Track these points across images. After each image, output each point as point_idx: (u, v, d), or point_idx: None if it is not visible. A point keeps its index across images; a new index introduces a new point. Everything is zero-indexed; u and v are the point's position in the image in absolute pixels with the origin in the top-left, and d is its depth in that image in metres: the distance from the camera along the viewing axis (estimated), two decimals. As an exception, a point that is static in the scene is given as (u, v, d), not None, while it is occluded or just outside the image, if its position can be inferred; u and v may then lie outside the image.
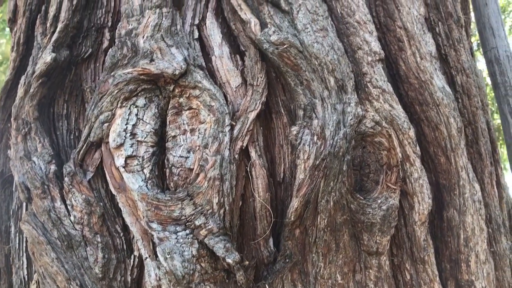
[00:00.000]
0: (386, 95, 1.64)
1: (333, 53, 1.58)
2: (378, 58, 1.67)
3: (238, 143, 1.49)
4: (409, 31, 1.76)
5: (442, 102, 1.70)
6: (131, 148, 1.49)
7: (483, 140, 1.94)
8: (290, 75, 1.54)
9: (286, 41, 1.52)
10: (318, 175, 1.44)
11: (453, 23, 1.99)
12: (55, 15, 1.66)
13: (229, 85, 1.59)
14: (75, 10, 1.66)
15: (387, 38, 1.79)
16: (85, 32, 1.69)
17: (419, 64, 1.73)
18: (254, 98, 1.53)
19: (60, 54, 1.59)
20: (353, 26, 1.68)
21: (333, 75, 1.56)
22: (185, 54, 1.53)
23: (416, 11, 1.79)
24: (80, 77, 1.69)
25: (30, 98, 1.55)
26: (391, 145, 1.61)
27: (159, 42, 1.52)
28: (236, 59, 1.63)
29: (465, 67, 1.97)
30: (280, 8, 1.60)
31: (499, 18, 2.61)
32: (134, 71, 1.50)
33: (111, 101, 1.51)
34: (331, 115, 1.50)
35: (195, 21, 1.64)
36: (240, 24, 1.62)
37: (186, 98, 1.52)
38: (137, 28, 1.56)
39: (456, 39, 1.98)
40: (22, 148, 1.54)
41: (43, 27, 1.74)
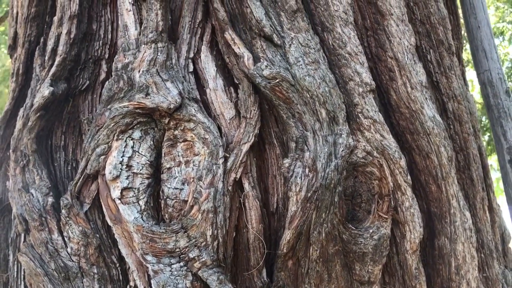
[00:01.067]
0: (377, 125, 1.67)
1: (324, 85, 1.62)
2: (369, 89, 1.70)
3: (232, 175, 1.52)
4: (400, 62, 1.79)
5: (432, 132, 1.73)
6: (127, 180, 1.52)
7: (475, 166, 1.97)
8: (282, 108, 1.57)
9: (278, 75, 1.55)
10: (310, 207, 1.47)
11: (445, 50, 2.03)
12: (53, 48, 1.70)
13: (223, 117, 1.63)
14: (73, 43, 1.70)
15: (379, 68, 1.83)
16: (83, 64, 1.73)
17: (410, 94, 1.76)
18: (248, 130, 1.57)
19: (58, 88, 1.63)
20: (344, 58, 1.72)
21: (324, 107, 1.59)
22: (180, 88, 1.56)
23: (407, 41, 1.82)
24: (77, 108, 1.72)
25: (29, 131, 1.59)
26: (383, 175, 1.64)
27: (155, 77, 1.56)
28: (230, 91, 1.67)
29: (457, 93, 2.01)
30: (272, 42, 1.63)
31: (492, 41, 2.65)
32: (130, 105, 1.53)
33: (108, 134, 1.55)
34: (322, 147, 1.53)
35: (190, 54, 1.67)
36: (233, 58, 1.66)
37: (181, 130, 1.56)
38: (133, 62, 1.60)
39: (448, 66, 2.02)
40: (21, 180, 1.58)
41: (41, 59, 1.78)
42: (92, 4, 1.81)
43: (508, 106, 2.51)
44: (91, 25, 1.79)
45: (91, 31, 1.78)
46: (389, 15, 1.84)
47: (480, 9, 2.70)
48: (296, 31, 1.69)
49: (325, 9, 1.76)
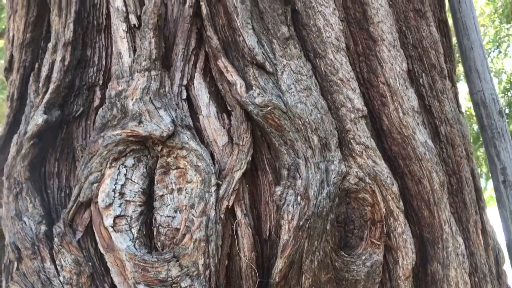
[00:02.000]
0: (369, 151, 1.69)
1: (316, 112, 1.63)
2: (361, 115, 1.72)
3: (224, 203, 1.52)
4: (391, 87, 1.81)
5: (424, 157, 1.74)
6: (120, 208, 1.52)
7: (468, 189, 1.98)
8: (274, 135, 1.58)
9: (270, 103, 1.57)
10: (302, 235, 1.47)
11: (437, 74, 2.05)
12: (47, 75, 1.71)
13: (216, 143, 1.64)
14: (67, 71, 1.71)
15: (371, 94, 1.84)
16: (77, 90, 1.74)
17: (402, 119, 1.78)
18: (240, 157, 1.57)
19: (51, 115, 1.64)
20: (336, 84, 1.74)
21: (316, 133, 1.60)
22: (173, 116, 1.58)
23: (398, 67, 1.84)
24: (71, 135, 1.73)
25: (22, 158, 1.59)
26: (375, 201, 1.65)
27: (148, 105, 1.57)
28: (223, 118, 1.68)
29: (449, 117, 2.02)
30: (265, 69, 1.65)
31: (485, 62, 2.67)
32: (123, 133, 1.54)
33: (101, 161, 1.55)
34: (314, 175, 1.54)
35: (183, 81, 1.69)
36: (226, 85, 1.67)
37: (174, 158, 1.57)
38: (126, 90, 1.61)
39: (440, 90, 2.04)
40: (14, 207, 1.58)
41: (36, 85, 1.79)
42: (87, 31, 1.82)
43: (501, 127, 2.53)
44: (85, 51, 1.80)
45: (86, 57, 1.80)
46: (381, 40, 1.86)
47: (472, 30, 2.73)
48: (289, 58, 1.70)
49: (317, 36, 1.78)
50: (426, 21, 2.09)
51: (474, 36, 2.71)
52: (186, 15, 1.73)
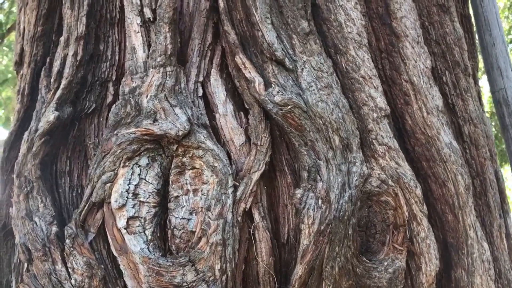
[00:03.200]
0: (392, 152, 1.62)
1: (337, 111, 1.56)
2: (383, 114, 1.65)
3: (241, 205, 1.46)
4: (415, 85, 1.74)
5: (449, 159, 1.67)
6: (133, 209, 1.47)
7: (492, 192, 1.91)
8: (294, 135, 1.52)
9: (290, 102, 1.50)
10: (323, 240, 1.41)
11: (461, 72, 1.97)
12: (59, 70, 1.66)
13: (232, 143, 1.57)
14: (79, 66, 1.66)
15: (393, 92, 1.77)
16: (89, 86, 1.69)
17: (426, 119, 1.71)
18: (258, 158, 1.51)
19: (63, 112, 1.59)
20: (358, 82, 1.67)
21: (337, 134, 1.54)
22: (188, 114, 1.52)
23: (422, 64, 1.77)
24: (83, 132, 1.68)
25: (33, 156, 1.54)
26: (398, 204, 1.58)
27: (163, 102, 1.51)
28: (240, 116, 1.62)
29: (473, 116, 1.94)
30: (284, 66, 1.58)
31: (507, 59, 2.58)
32: (137, 131, 1.49)
33: (114, 161, 1.50)
34: (336, 177, 1.48)
35: (199, 78, 1.63)
36: (244, 82, 1.61)
37: (189, 157, 1.51)
38: (141, 86, 1.55)
39: (464, 88, 1.96)
40: (24, 207, 1.53)
41: (47, 80, 1.74)
42: (100, 24, 1.77)
43: (524, 126, 2.45)
44: (98, 45, 1.75)
45: (98, 52, 1.74)
46: (404, 36, 1.78)
47: (495, 25, 2.63)
48: (309, 54, 1.63)
49: (338, 31, 1.71)
50: (450, 17, 2.00)
51: (497, 32, 2.62)
52: (203, 8, 1.66)
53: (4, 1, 7.06)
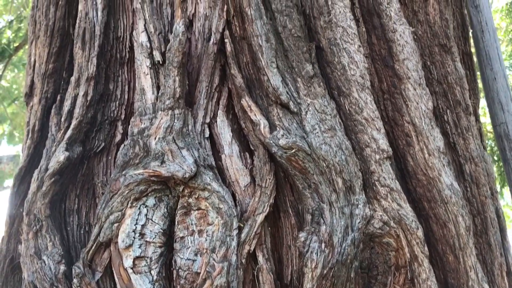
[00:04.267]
0: (394, 194, 1.65)
1: (341, 153, 1.60)
2: (386, 156, 1.68)
3: (246, 247, 1.49)
4: (417, 127, 1.77)
5: (450, 201, 1.70)
6: (140, 249, 1.50)
7: (493, 230, 1.93)
8: (298, 178, 1.55)
9: (294, 145, 1.54)
10: (325, 284, 1.43)
11: (462, 111, 2.00)
12: (70, 110, 1.71)
13: (238, 184, 1.61)
14: (89, 106, 1.70)
15: (395, 133, 1.81)
16: (99, 125, 1.73)
17: (427, 160, 1.74)
18: (262, 200, 1.55)
19: (73, 152, 1.63)
20: (361, 124, 1.71)
21: (341, 176, 1.57)
22: (195, 156, 1.55)
23: (424, 105, 1.80)
24: (92, 170, 1.72)
25: (43, 196, 1.58)
26: (399, 246, 1.61)
27: (171, 144, 1.55)
28: (246, 157, 1.66)
29: (474, 155, 1.98)
30: (289, 109, 1.63)
31: (508, 93, 2.62)
32: (145, 172, 1.53)
33: (122, 201, 1.53)
34: (339, 220, 1.51)
35: (206, 119, 1.67)
36: (250, 124, 1.65)
37: (195, 198, 1.54)
38: (149, 128, 1.59)
39: (465, 127, 1.99)
40: (33, 245, 1.56)
41: (57, 118, 1.78)
42: (110, 64, 1.82)
43: (525, 161, 2.47)
44: (108, 85, 1.79)
45: (108, 91, 1.79)
46: (406, 78, 1.83)
47: (496, 60, 2.68)
48: (313, 97, 1.68)
49: (341, 74, 1.76)
50: (451, 56, 2.05)
51: (498, 67, 2.67)
52: (210, 52, 1.71)
53: (13, 20, 7.17)
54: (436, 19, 2.08)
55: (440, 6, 2.10)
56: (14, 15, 8.11)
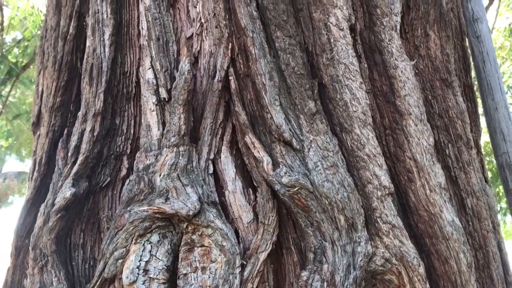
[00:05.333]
0: (396, 231, 1.66)
1: (343, 190, 1.62)
2: (387, 192, 1.70)
3: (248, 285, 1.51)
4: (418, 163, 1.79)
5: (451, 237, 1.71)
6: (143, 285, 1.52)
7: (495, 264, 1.94)
8: (301, 215, 1.57)
9: (297, 183, 1.56)
10: (327, 323, 1.44)
11: (463, 145, 2.03)
12: (77, 145, 1.74)
13: (241, 220, 1.63)
14: (96, 141, 1.74)
15: (397, 168, 1.83)
16: (105, 160, 1.76)
17: (429, 196, 1.76)
18: (265, 237, 1.56)
19: (79, 187, 1.66)
20: (363, 160, 1.73)
21: (343, 213, 1.59)
22: (199, 193, 1.58)
23: (425, 141, 1.83)
24: (97, 205, 1.74)
25: (49, 231, 1.61)
26: (401, 283, 1.62)
27: (175, 181, 1.58)
28: (249, 193, 1.68)
29: (475, 189, 1.99)
30: (292, 146, 1.65)
31: (510, 123, 2.64)
32: (149, 209, 1.55)
33: (126, 237, 1.56)
34: (341, 259, 1.52)
35: (210, 155, 1.70)
36: (253, 160, 1.68)
37: (199, 235, 1.56)
38: (154, 165, 1.62)
39: (466, 162, 2.01)
40: (38, 280, 1.59)
41: (64, 152, 1.81)
42: (116, 99, 1.86)
43: (527, 192, 2.49)
44: (114, 119, 1.83)
45: (114, 126, 1.82)
46: (407, 114, 1.85)
47: (497, 90, 2.71)
48: (315, 134, 1.70)
49: (343, 110, 1.78)
50: (453, 91, 2.08)
51: (499, 97, 2.70)
52: (215, 89, 1.75)
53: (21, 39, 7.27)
54: (437, 53, 2.12)
55: (441, 41, 2.14)
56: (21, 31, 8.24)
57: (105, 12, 1.92)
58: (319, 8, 1.89)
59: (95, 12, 1.94)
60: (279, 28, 1.83)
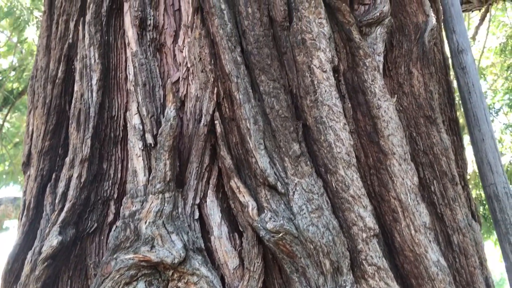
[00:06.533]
0: (382, 273, 1.67)
1: (328, 233, 1.63)
2: (373, 234, 1.71)
3: (234, 333, 1.51)
4: (403, 202, 1.81)
5: (437, 278, 1.72)
6: (130, 334, 1.52)
7: (483, 301, 1.94)
8: (286, 261, 1.58)
9: (282, 229, 1.58)
10: None
11: (448, 182, 2.05)
12: (64, 191, 1.76)
13: (226, 266, 1.64)
14: (83, 187, 1.75)
15: (382, 208, 1.84)
16: (92, 206, 1.78)
17: (414, 237, 1.77)
18: (251, 284, 1.57)
19: (66, 235, 1.67)
20: (347, 201, 1.75)
21: (328, 257, 1.60)
22: (184, 240, 1.59)
23: (409, 181, 1.85)
24: (84, 251, 1.75)
25: (35, 280, 1.61)
26: (388, 325, 1.62)
27: (160, 229, 1.59)
28: (235, 238, 1.69)
29: (461, 226, 2.01)
30: (276, 190, 1.67)
31: (496, 154, 2.67)
32: (135, 257, 1.56)
33: (112, 285, 1.56)
34: (326, 305, 1.53)
35: (196, 200, 1.72)
36: (238, 205, 1.69)
37: (185, 283, 1.57)
38: (140, 212, 1.63)
39: (452, 198, 2.03)
40: (25, 329, 1.58)
41: (52, 197, 1.83)
42: (104, 143, 1.88)
43: (515, 222, 2.50)
44: (101, 164, 1.85)
45: (101, 171, 1.84)
46: (391, 154, 1.88)
47: (483, 121, 2.74)
48: (300, 176, 1.72)
49: (328, 151, 1.81)
50: (437, 127, 2.11)
51: (485, 128, 2.73)
52: (201, 133, 1.77)
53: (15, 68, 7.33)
54: (420, 91, 2.15)
55: (424, 79, 2.18)
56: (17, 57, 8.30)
57: (92, 57, 1.95)
58: (303, 51, 1.93)
59: (83, 57, 1.97)
60: (263, 72, 1.87)
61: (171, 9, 2.01)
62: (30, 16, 5.90)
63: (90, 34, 1.98)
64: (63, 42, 2.13)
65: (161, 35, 1.98)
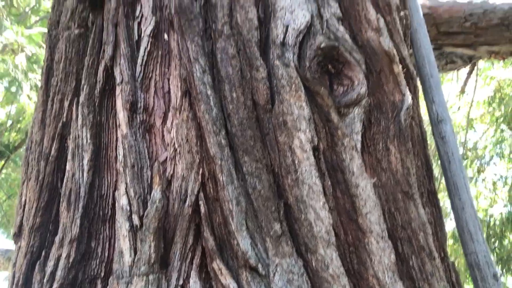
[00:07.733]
0: None
1: (307, 315, 1.69)
2: (351, 314, 1.76)
3: None
4: (380, 281, 1.87)
5: None
6: None
7: None
8: None
9: (262, 312, 1.63)
10: None
11: (426, 256, 2.11)
12: (52, 271, 1.81)
13: None
14: (71, 267, 1.81)
15: (361, 286, 1.90)
16: (79, 285, 1.83)
17: (392, 315, 1.82)
18: None
19: (53, 318, 1.71)
20: (327, 281, 1.81)
21: None
22: (167, 322, 1.64)
23: (387, 259, 1.92)
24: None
25: None
26: None
27: (144, 313, 1.64)
28: (217, 318, 1.74)
29: (440, 301, 2.06)
30: (257, 272, 1.74)
31: (476, 222, 2.75)
32: None
33: None
34: None
35: (179, 281, 1.77)
36: (220, 286, 1.75)
37: None
38: (125, 294, 1.69)
39: (430, 273, 2.09)
40: None
41: (40, 275, 1.88)
42: (93, 222, 1.95)
43: (497, 292, 2.55)
44: (90, 243, 1.91)
45: (90, 250, 1.90)
46: (369, 232, 1.96)
47: (463, 190, 2.84)
48: (281, 257, 1.79)
49: (308, 230, 1.89)
50: (414, 203, 2.19)
51: (465, 197, 2.82)
52: (185, 214, 1.85)
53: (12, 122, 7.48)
54: (398, 167, 2.26)
55: (401, 155, 2.28)
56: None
57: (85, 138, 2.06)
58: (284, 132, 2.05)
59: (76, 137, 2.08)
60: (246, 153, 1.97)
61: (161, 92, 2.14)
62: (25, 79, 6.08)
63: (83, 115, 2.10)
64: (57, 121, 2.24)
65: (150, 117, 2.10)
